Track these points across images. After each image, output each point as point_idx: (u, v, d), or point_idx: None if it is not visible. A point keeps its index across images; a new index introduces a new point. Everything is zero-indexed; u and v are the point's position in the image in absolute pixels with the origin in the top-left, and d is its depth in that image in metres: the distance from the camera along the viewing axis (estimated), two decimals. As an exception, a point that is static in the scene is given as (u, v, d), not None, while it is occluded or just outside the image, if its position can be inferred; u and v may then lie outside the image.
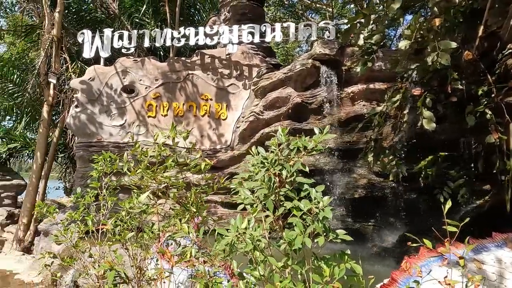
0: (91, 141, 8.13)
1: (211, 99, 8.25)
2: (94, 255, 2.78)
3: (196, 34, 8.14)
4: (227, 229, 1.81)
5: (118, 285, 2.10)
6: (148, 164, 2.54)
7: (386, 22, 4.64)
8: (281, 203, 1.82)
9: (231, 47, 7.93)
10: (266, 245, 1.84)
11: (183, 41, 8.23)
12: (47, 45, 9.57)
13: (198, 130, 8.21)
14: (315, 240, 1.60)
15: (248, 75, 8.16)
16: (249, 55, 8.19)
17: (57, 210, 3.05)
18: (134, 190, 2.51)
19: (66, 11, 10.03)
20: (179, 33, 8.24)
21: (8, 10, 14.65)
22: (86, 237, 2.88)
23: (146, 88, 8.34)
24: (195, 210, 2.27)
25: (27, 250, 9.31)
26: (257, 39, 7.93)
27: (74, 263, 5.45)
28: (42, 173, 9.69)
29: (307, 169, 1.83)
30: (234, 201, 7.68)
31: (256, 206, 1.85)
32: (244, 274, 2.16)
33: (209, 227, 2.44)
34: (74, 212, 2.87)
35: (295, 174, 1.79)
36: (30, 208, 9.46)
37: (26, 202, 9.58)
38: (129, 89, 8.43)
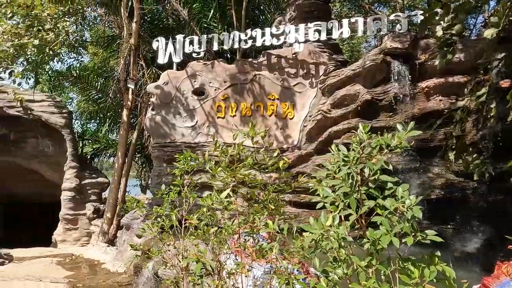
0: (166, 141, 8.62)
1: (277, 99, 8.32)
2: (178, 248, 2.95)
3: (263, 35, 8.25)
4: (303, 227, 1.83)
5: (203, 276, 2.22)
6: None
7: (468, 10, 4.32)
8: (364, 202, 1.80)
9: (297, 46, 7.92)
10: (347, 244, 1.83)
11: (250, 42, 8.39)
12: (125, 54, 10.36)
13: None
14: (403, 240, 1.56)
15: (315, 74, 8.09)
16: (315, 53, 8.12)
17: (145, 205, 3.28)
18: (215, 188, 2.63)
19: (142, 21, 10.76)
20: (246, 35, 8.41)
21: (91, 23, 16.04)
22: (170, 231, 3.06)
23: (215, 90, 8.64)
24: (273, 207, 2.32)
25: (111, 242, 10.16)
26: (323, 37, 7.83)
27: (154, 256, 5.82)
28: (123, 172, 10.50)
29: (390, 167, 1.79)
30: (302, 200, 7.67)
31: (338, 205, 1.84)
32: (318, 273, 2.16)
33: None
34: (159, 207, 3.07)
35: (378, 172, 1.75)
36: (113, 204, 10.32)
37: (110, 198, 10.46)
38: (199, 92, 8.80)
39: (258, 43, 8.30)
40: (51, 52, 9.75)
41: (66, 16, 9.81)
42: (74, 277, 7.36)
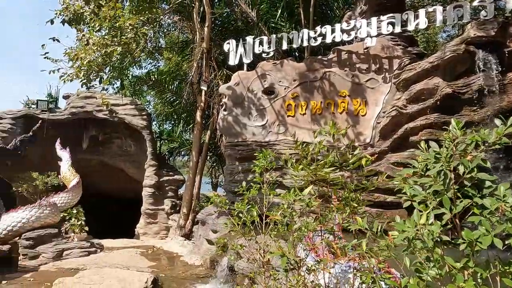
0: (237, 140, 8.89)
1: (348, 96, 8.14)
2: (259, 243, 3.06)
3: (333, 31, 8.13)
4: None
5: (287, 271, 2.28)
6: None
7: None
8: (458, 201, 1.72)
9: (369, 40, 7.68)
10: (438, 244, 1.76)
11: (319, 39, 8.31)
12: (198, 57, 10.86)
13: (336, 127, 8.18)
14: (506, 242, 1.47)
15: (388, 68, 7.77)
16: (389, 47, 7.80)
17: (227, 201, 3.44)
18: (295, 185, 2.69)
19: (213, 25, 11.19)
20: (315, 32, 8.34)
21: (165, 30, 17.03)
22: (251, 226, 3.17)
23: (285, 89, 8.71)
24: (356, 205, 2.31)
25: (187, 236, 10.73)
26: (398, 29, 7.49)
27: (231, 250, 6.02)
28: (197, 170, 11.03)
29: (488, 165, 1.69)
30: (376, 199, 7.42)
31: (428, 204, 1.78)
32: (398, 274, 2.11)
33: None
34: (240, 203, 3.21)
35: (475, 170, 1.67)
36: (189, 200, 10.89)
37: (185, 195, 11.05)
38: (269, 91, 8.92)
39: (328, 39, 8.19)
40: (133, 59, 10.59)
41: (145, 25, 10.52)
42: (156, 267, 7.91)
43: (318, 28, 8.36)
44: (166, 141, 15.15)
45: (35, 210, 8.44)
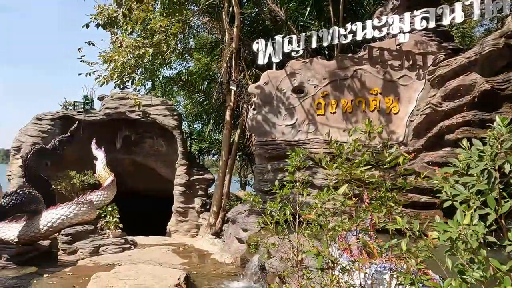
0: (267, 140, 8.90)
1: (380, 93, 7.98)
2: (293, 242, 3.06)
3: (364, 28, 7.99)
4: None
5: (323, 270, 2.27)
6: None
7: None
8: (504, 200, 1.66)
9: (402, 36, 7.50)
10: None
11: (350, 37, 8.19)
12: (227, 57, 10.96)
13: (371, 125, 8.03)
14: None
15: (422, 65, 7.56)
16: (422, 42, 7.59)
17: (260, 200, 3.45)
18: (327, 184, 2.67)
19: (242, 25, 11.25)
20: (346, 29, 8.23)
21: (195, 31, 17.29)
22: (284, 225, 3.18)
23: (314, 87, 8.64)
24: (393, 205, 2.26)
25: (217, 234, 10.86)
26: (432, 24, 7.27)
27: (262, 249, 6.03)
28: (227, 169, 11.13)
29: (537, 163, 1.62)
30: (409, 199, 7.24)
31: (471, 204, 1.73)
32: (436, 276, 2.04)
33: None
34: (273, 202, 3.22)
35: (523, 168, 1.60)
36: (219, 199, 11.02)
37: (215, 194, 11.18)
38: (299, 90, 8.88)
39: (359, 37, 8.06)
40: (163, 60, 10.83)
41: (176, 27, 10.71)
42: (187, 265, 8.06)
43: (348, 25, 8.25)
44: (195, 140, 15.38)
45: (73, 207, 8.80)
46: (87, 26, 10.24)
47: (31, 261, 7.60)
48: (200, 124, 17.00)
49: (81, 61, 9.76)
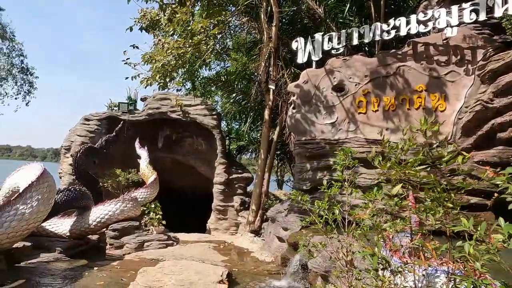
0: (306, 139, 8.85)
1: (425, 91, 7.70)
2: (342, 241, 3.03)
3: (407, 23, 7.75)
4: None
5: (378, 270, 2.24)
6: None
7: None
8: None
9: (449, 30, 7.20)
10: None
11: (393, 33, 7.97)
12: (266, 56, 10.99)
13: (410, 124, 7.79)
14: None
15: (471, 59, 7.22)
16: (471, 36, 7.24)
17: (307, 199, 3.45)
18: (382, 184, 2.62)
19: (280, 23, 11.24)
20: (389, 25, 8.02)
21: (232, 32, 17.46)
22: (333, 225, 3.16)
23: (355, 85, 8.49)
24: (451, 205, 2.19)
25: (256, 232, 10.94)
26: (482, 17, 6.92)
27: (300, 248, 6.00)
28: (266, 168, 11.18)
29: None
30: (459, 200, 6.97)
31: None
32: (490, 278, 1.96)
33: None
34: (320, 201, 3.20)
35: None
36: (258, 197, 11.09)
37: (254, 192, 11.27)
38: (339, 88, 8.76)
39: (403, 32, 7.82)
40: (203, 61, 11.04)
41: (215, 27, 10.89)
42: (228, 262, 8.18)
43: (391, 21, 8.03)
44: (234, 139, 15.56)
45: (119, 203, 9.18)
46: (131, 29, 10.63)
47: (81, 254, 8.00)
48: (237, 123, 17.17)
49: (125, 63, 10.18)
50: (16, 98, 22.02)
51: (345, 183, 3.24)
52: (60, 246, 7.87)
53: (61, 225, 8.75)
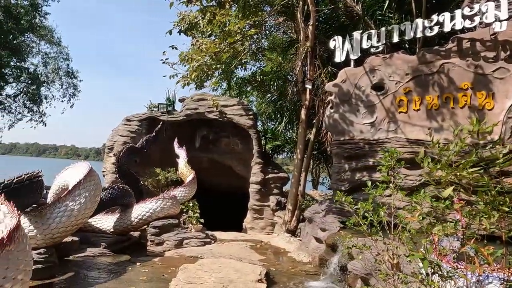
0: (345, 139, 8.73)
1: (471, 88, 7.38)
2: (388, 244, 2.98)
3: (452, 18, 7.45)
4: None
5: (429, 275, 2.18)
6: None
7: None
8: None
9: (498, 25, 6.86)
10: None
11: (436, 29, 7.69)
12: (302, 56, 10.93)
13: (455, 124, 7.49)
14: None
15: (523, 55, 6.84)
16: (523, 30, 6.86)
17: (351, 200, 3.40)
18: (432, 186, 2.55)
19: (317, 22, 11.14)
20: (431, 21, 7.75)
21: (268, 32, 17.48)
22: (378, 227, 3.10)
23: (396, 84, 8.27)
24: (507, 209, 2.10)
25: (292, 233, 10.91)
26: (535, 9, 6.54)
27: (337, 249, 5.91)
28: (302, 168, 11.13)
29: None
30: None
31: None
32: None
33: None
34: (365, 203, 3.16)
35: None
36: (294, 197, 11.06)
37: (291, 192, 11.24)
38: (378, 87, 8.57)
39: (446, 28, 7.53)
40: (239, 61, 11.16)
41: (251, 28, 10.96)
42: (265, 261, 8.21)
43: (434, 17, 7.75)
44: (270, 139, 15.60)
45: (159, 202, 9.46)
46: (170, 32, 10.92)
47: (124, 250, 8.31)
48: (273, 123, 17.21)
49: (163, 63, 10.48)
50: (62, 101, 23.21)
51: (390, 184, 3.17)
52: (104, 241, 8.22)
53: (106, 222, 9.14)
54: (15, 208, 3.78)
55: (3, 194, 3.99)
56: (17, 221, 3.40)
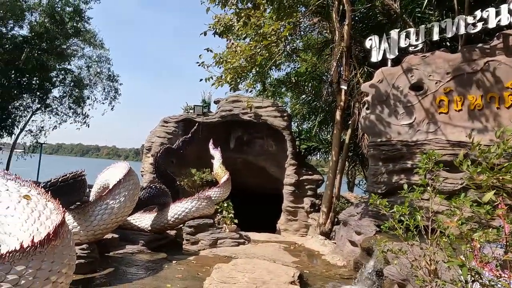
0: (381, 140, 8.52)
1: (519, 87, 6.98)
2: (425, 249, 2.88)
3: (497, 14, 7.09)
4: None
5: (467, 282, 2.09)
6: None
7: None
8: None
9: (549, 20, 6.44)
10: None
11: (479, 25, 7.35)
12: (337, 56, 10.78)
13: (500, 125, 7.10)
14: None
15: None
16: None
17: (387, 203, 3.32)
18: (472, 190, 2.44)
19: (352, 22, 10.95)
20: (475, 17, 7.41)
21: (302, 32, 17.39)
22: (415, 232, 3.01)
23: (436, 83, 7.98)
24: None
25: (327, 235, 10.77)
26: None
27: (373, 253, 5.77)
28: (337, 170, 10.97)
29: None
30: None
31: None
32: None
33: None
34: (401, 206, 3.07)
35: None
36: (329, 199, 10.92)
37: (325, 194, 11.11)
38: (417, 87, 8.30)
39: (491, 24, 7.18)
40: (274, 62, 11.18)
41: (287, 29, 10.94)
42: (299, 263, 8.16)
43: (477, 12, 7.41)
44: (304, 140, 15.49)
45: (195, 201, 9.65)
46: (205, 33, 11.13)
47: (161, 248, 8.55)
48: (307, 124, 17.08)
49: (199, 65, 10.68)
50: (103, 103, 24.22)
51: (428, 188, 3.06)
52: (142, 239, 8.50)
53: (144, 220, 9.45)
54: (61, 205, 4.00)
55: (50, 192, 4.22)
56: (62, 217, 3.60)
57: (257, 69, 11.34)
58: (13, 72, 19.62)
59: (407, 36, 8.41)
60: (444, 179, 7.24)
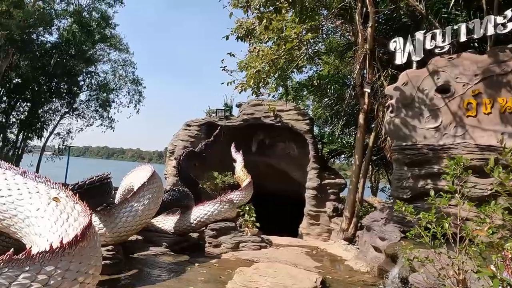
0: (406, 144, 8.34)
1: (552, 89, 6.71)
2: (453, 258, 2.80)
3: (529, 13, 6.84)
4: None
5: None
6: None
7: None
8: None
9: None
10: None
11: (509, 26, 7.12)
12: (361, 59, 10.65)
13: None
14: None
15: None
16: None
17: (412, 210, 3.25)
18: (502, 196, 2.36)
19: (376, 24, 10.80)
20: (504, 17, 7.18)
21: (324, 35, 17.26)
22: (442, 239, 2.93)
23: (463, 86, 7.76)
24: None
25: (350, 240, 10.61)
26: None
27: (398, 260, 5.65)
28: (360, 174, 10.81)
29: None
30: None
31: None
32: None
33: None
34: (427, 213, 2.99)
35: None
36: (352, 204, 10.77)
37: (348, 198, 10.96)
38: (444, 89, 8.09)
39: (523, 24, 6.93)
40: (296, 66, 11.16)
41: (308, 32, 10.90)
42: (321, 268, 8.07)
43: (508, 12, 7.19)
44: (326, 144, 15.35)
45: (217, 205, 9.71)
46: (227, 38, 11.21)
47: (183, 250, 8.63)
48: (330, 128, 16.91)
49: (222, 70, 10.76)
50: (128, 107, 24.81)
51: (456, 194, 2.97)
52: (166, 241, 8.61)
53: (167, 222, 9.58)
54: (88, 208, 4.11)
55: (77, 194, 4.34)
56: (89, 219, 3.69)
57: (279, 73, 11.35)
58: (42, 77, 20.38)
59: (433, 37, 8.23)
60: (473, 185, 7.02)
